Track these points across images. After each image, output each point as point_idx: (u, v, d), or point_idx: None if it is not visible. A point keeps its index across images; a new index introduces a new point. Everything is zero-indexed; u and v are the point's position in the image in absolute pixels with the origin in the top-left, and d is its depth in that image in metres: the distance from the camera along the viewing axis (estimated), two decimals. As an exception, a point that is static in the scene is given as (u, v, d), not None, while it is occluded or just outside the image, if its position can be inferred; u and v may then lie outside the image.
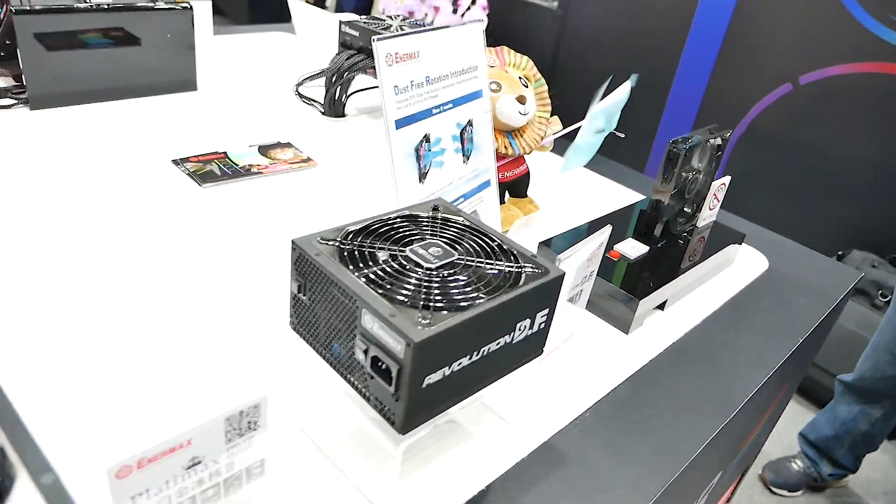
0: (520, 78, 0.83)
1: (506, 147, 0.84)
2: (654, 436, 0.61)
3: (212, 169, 0.92)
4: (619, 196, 1.09)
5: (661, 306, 0.78)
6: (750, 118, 2.17)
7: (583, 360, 0.69)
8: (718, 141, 0.85)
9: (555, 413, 0.60)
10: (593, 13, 2.50)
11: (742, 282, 0.89)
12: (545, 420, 0.59)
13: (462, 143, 0.73)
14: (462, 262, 0.49)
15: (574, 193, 1.06)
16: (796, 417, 1.94)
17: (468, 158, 0.75)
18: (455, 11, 2.50)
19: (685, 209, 0.88)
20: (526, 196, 0.93)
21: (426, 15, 2.48)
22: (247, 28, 1.61)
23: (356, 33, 1.17)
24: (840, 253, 2.01)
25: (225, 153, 0.97)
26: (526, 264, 0.50)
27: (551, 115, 0.90)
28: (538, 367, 0.65)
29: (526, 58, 0.87)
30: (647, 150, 2.46)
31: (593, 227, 0.85)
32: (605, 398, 0.64)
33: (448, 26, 0.70)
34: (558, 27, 2.59)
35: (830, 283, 0.93)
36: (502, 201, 0.90)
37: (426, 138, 0.67)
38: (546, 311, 0.50)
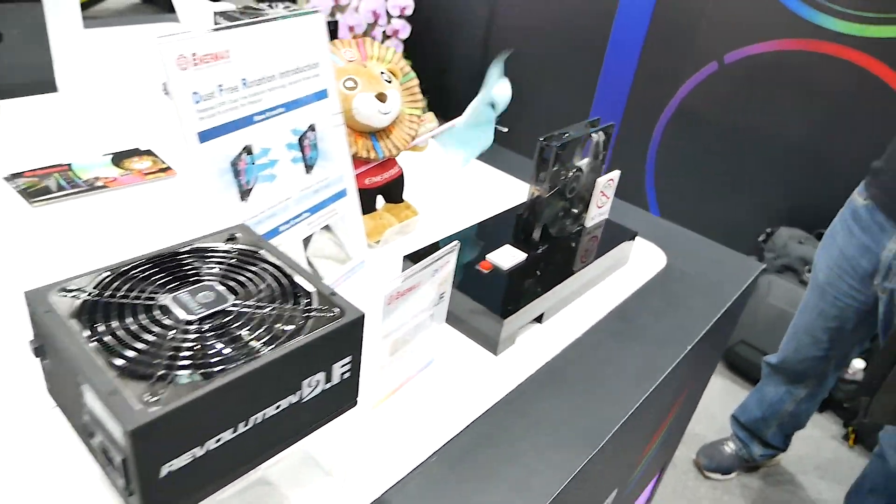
0: (382, 73, 0.75)
1: (368, 150, 0.76)
2: (510, 478, 0.54)
3: (48, 184, 0.82)
4: (520, 194, 1.02)
5: (540, 318, 0.72)
6: (679, 98, 2.13)
7: (442, 389, 0.62)
8: (601, 136, 0.78)
9: (394, 461, 0.53)
10: (520, -7, 2.43)
11: (635, 283, 0.83)
12: (381, 471, 0.52)
13: (302, 152, 0.65)
14: (237, 309, 0.41)
15: (465, 193, 0.98)
16: (731, 397, 1.93)
17: (312, 168, 0.67)
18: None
19: (572, 209, 0.81)
20: (402, 201, 0.85)
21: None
22: (130, 19, 1.48)
23: (228, 24, 1.07)
24: (768, 230, 1.99)
25: (69, 165, 0.87)
26: (318, 306, 0.42)
27: (426, 111, 0.82)
28: (384, 403, 0.58)
29: (392, 49, 0.79)
30: None
31: (470, 233, 0.78)
32: (459, 436, 0.57)
33: (277, 19, 0.62)
34: (489, 9, 2.50)
35: (729, 278, 0.88)
36: (373, 209, 0.82)
37: (247, 150, 0.59)
38: (348, 359, 0.43)
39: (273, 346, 0.39)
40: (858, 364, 1.82)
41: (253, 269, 0.45)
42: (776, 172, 1.99)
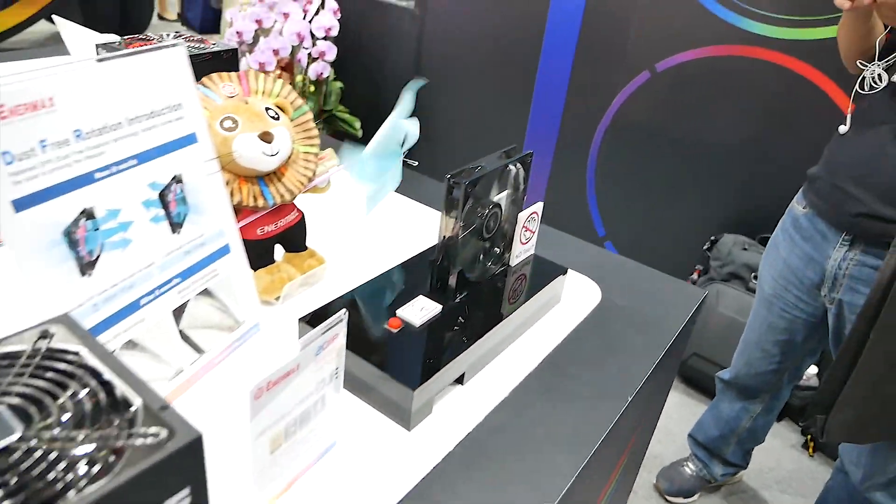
0: (268, 109, 0.66)
1: (255, 198, 0.66)
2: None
3: None
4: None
5: (461, 379, 0.63)
6: (614, 109, 2.09)
7: (347, 476, 0.52)
8: (518, 167, 0.71)
9: (278, 586, 0.44)
10: (451, 10, 2.36)
11: (569, 324, 0.75)
12: None
13: (166, 209, 0.55)
14: (25, 444, 0.31)
15: (379, 232, 0.89)
16: (688, 411, 1.88)
17: (180, 226, 0.57)
18: (305, 17, 2.30)
19: (493, 248, 0.73)
20: (305, 249, 0.76)
21: (276, 22, 2.27)
22: (21, 53, 1.35)
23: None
24: (713, 238, 1.96)
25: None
26: (141, 429, 0.33)
27: (324, 148, 0.74)
28: (278, 501, 0.48)
29: (280, 81, 0.70)
30: None
31: (377, 285, 0.69)
32: (361, 541, 0.48)
33: (145, 51, 0.52)
34: (418, 28, 2.43)
35: (670, 309, 0.81)
36: (270, 261, 0.72)
37: (87, 214, 0.49)
38: (185, 491, 0.34)
39: (75, 491, 0.29)
40: (812, 370, 1.79)
41: (60, 380, 0.35)
42: (716, 179, 1.96)
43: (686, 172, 2.01)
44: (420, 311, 0.65)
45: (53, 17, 1.10)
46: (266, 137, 0.64)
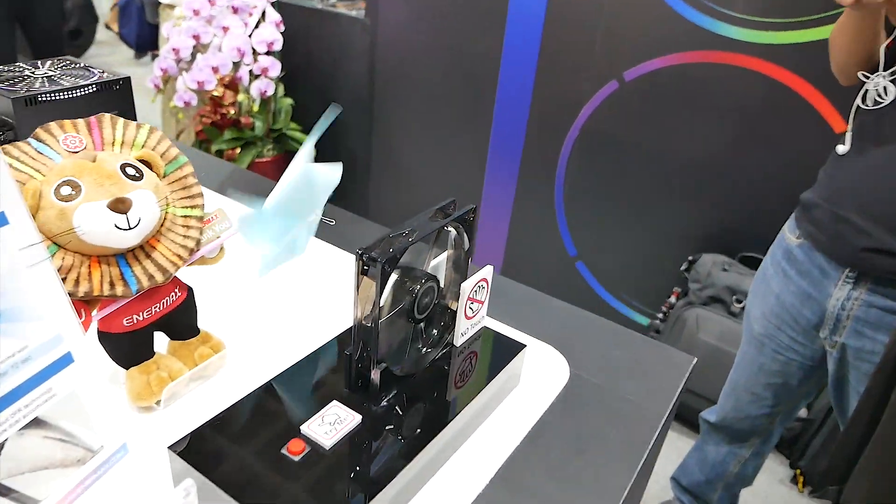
0: (126, 166, 0.50)
1: (112, 284, 0.50)
2: None
3: None
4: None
5: (386, 514, 0.48)
6: (581, 121, 1.96)
7: None
8: (455, 232, 0.56)
9: None
10: (402, 20, 2.21)
11: (530, 416, 0.61)
12: None
13: (-44, 323, 0.40)
14: None
15: (298, 293, 0.74)
16: (671, 447, 1.75)
17: (-18, 343, 0.41)
18: (245, 30, 2.13)
19: (430, 329, 0.58)
20: (196, 333, 0.60)
21: (214, 37, 2.10)
22: None
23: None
24: (690, 258, 1.84)
25: None
26: None
27: (209, 211, 0.58)
28: None
29: (148, 127, 0.55)
30: (478, 191, 2.21)
31: (278, 389, 0.54)
32: None
33: None
34: (369, 38, 2.28)
35: (653, 388, 0.67)
36: (147, 355, 0.57)
37: None
38: None
39: None
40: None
41: None
42: (692, 195, 1.84)
43: (660, 187, 1.89)
44: (332, 425, 0.50)
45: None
46: (119, 206, 0.48)
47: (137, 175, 0.51)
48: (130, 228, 0.49)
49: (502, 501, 0.52)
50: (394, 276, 0.53)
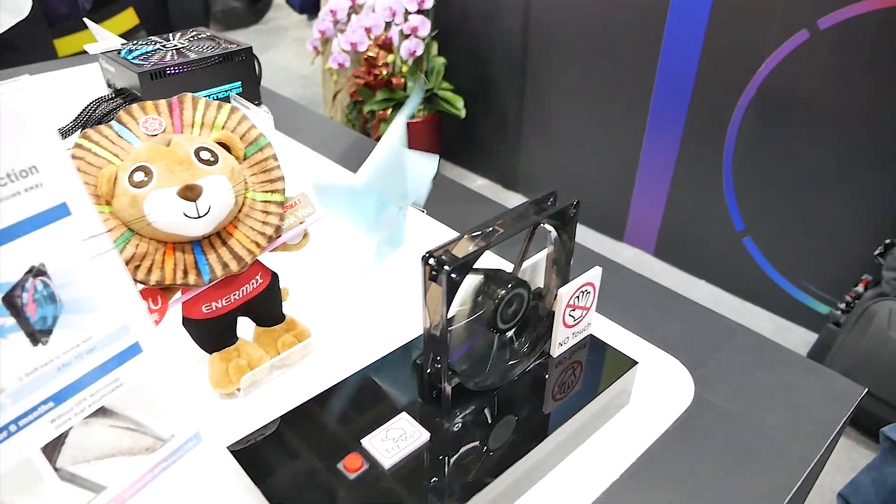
0: (201, 150, 0.48)
1: (185, 272, 0.49)
2: None
3: None
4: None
5: (454, 548, 0.43)
6: (760, 78, 1.72)
7: None
8: (549, 230, 0.48)
9: None
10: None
11: (637, 446, 0.52)
12: None
13: (18, 315, 0.40)
14: None
15: (394, 276, 0.70)
16: (844, 458, 1.53)
17: (48, 333, 0.41)
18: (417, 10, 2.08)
19: (520, 339, 0.51)
20: (280, 320, 0.58)
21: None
22: (57, 63, 1.28)
23: (112, 68, 0.84)
24: (887, 242, 1.56)
25: None
26: None
27: (292, 195, 0.55)
28: None
29: (228, 107, 0.52)
30: (635, 156, 2.03)
31: (343, 391, 0.50)
32: None
33: None
34: (524, 3, 2.15)
35: (802, 425, 0.55)
36: (230, 341, 0.55)
37: None
38: None
39: None
40: None
41: None
42: (892, 166, 1.55)
43: (854, 156, 1.61)
44: (395, 441, 0.45)
45: (85, 20, 0.99)
46: (188, 193, 0.46)
47: (212, 159, 0.48)
48: (200, 217, 0.47)
49: (587, 548, 0.44)
50: (474, 280, 0.47)
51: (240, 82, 0.83)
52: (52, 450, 0.43)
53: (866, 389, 0.58)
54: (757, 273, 1.89)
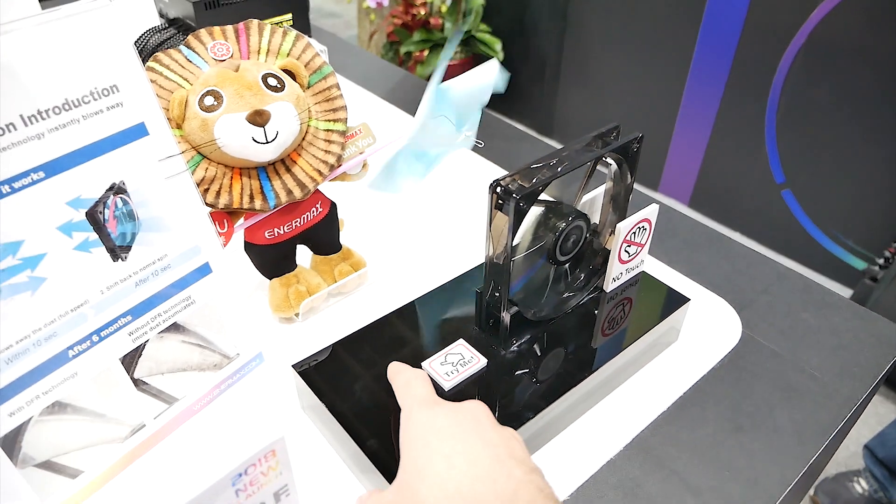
0: (268, 76, 0.49)
1: (252, 197, 0.50)
2: None
3: None
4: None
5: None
6: (812, 24, 1.66)
7: None
8: (611, 164, 0.48)
9: None
10: None
11: (685, 380, 0.53)
12: None
13: (100, 230, 0.41)
14: None
15: (458, 213, 0.71)
16: (872, 412, 1.54)
17: (126, 249, 0.43)
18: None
19: (576, 272, 0.52)
20: (339, 248, 0.60)
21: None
22: None
23: (166, -1, 0.84)
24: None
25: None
26: None
27: (352, 125, 0.56)
28: None
29: (294, 34, 0.53)
30: (675, 104, 1.97)
31: (403, 316, 0.51)
32: None
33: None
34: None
35: (848, 364, 0.56)
36: (289, 268, 0.57)
37: (-42, 255, 0.36)
38: None
39: None
40: None
41: None
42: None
43: (903, 109, 1.56)
44: (454, 365, 0.47)
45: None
46: (257, 118, 0.47)
47: (279, 86, 0.49)
48: (268, 142, 0.48)
49: (632, 476, 0.46)
50: (536, 211, 0.47)
51: (290, 14, 0.83)
52: (129, 361, 0.45)
53: (911, 338, 0.58)
54: (794, 227, 1.86)
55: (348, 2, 2.28)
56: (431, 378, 0.46)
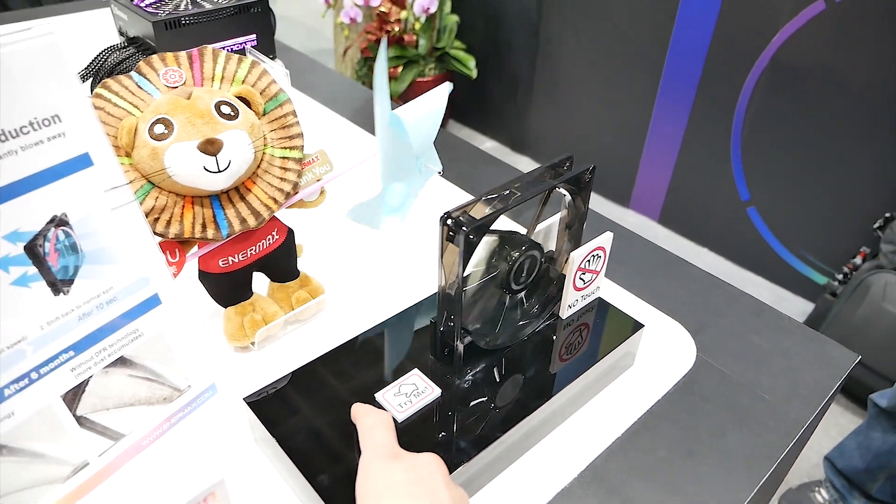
0: (222, 103, 0.48)
1: (203, 226, 0.50)
2: None
3: None
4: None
5: (458, 499, 0.45)
6: (774, 48, 1.70)
7: None
8: (564, 194, 0.48)
9: None
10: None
11: (639, 405, 0.54)
12: None
13: (40, 264, 0.40)
14: None
15: (407, 239, 0.71)
16: (832, 423, 1.56)
17: (69, 283, 0.42)
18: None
19: (533, 301, 0.52)
20: (295, 276, 0.59)
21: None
22: (72, 6, 1.27)
23: (125, 15, 0.83)
24: (887, 215, 1.56)
25: None
26: None
27: (309, 152, 0.55)
28: None
29: (250, 60, 0.52)
30: (645, 123, 2.00)
31: (357, 346, 0.51)
32: None
33: None
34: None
35: (797, 386, 0.56)
36: (244, 296, 0.56)
37: None
38: None
39: None
40: None
41: None
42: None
43: (862, 130, 1.60)
44: (408, 396, 0.46)
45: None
46: (208, 147, 0.46)
47: (232, 113, 0.49)
48: (220, 171, 0.47)
49: (586, 502, 0.46)
50: (489, 241, 0.47)
51: (255, 35, 0.82)
52: (72, 398, 0.44)
53: (859, 357, 0.59)
54: (759, 243, 1.90)
55: (323, 16, 2.28)
56: (385, 410, 0.46)
